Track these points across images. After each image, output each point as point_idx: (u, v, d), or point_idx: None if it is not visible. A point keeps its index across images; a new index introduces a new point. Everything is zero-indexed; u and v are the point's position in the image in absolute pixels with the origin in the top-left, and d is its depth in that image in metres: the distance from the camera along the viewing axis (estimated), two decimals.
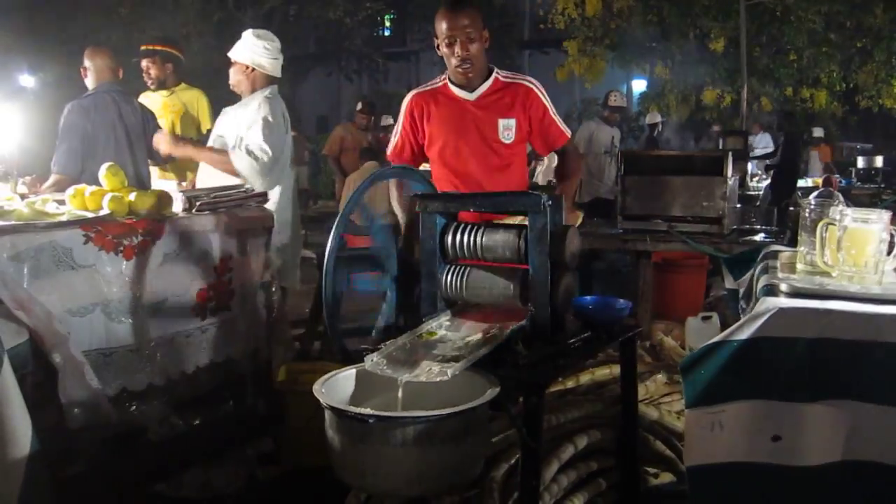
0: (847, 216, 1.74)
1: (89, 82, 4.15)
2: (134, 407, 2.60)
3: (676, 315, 4.67)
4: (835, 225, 1.76)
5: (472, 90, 2.77)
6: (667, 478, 2.59)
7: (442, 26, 2.67)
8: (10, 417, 1.88)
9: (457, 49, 2.65)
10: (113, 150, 3.95)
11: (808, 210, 1.94)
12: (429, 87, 2.86)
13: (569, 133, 2.92)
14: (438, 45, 2.74)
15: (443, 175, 2.80)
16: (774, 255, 2.11)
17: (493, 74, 2.80)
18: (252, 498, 2.92)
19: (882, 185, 10.21)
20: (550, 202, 1.88)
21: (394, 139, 2.91)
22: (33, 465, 1.91)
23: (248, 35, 3.65)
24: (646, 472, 2.54)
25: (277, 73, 3.65)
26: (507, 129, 2.76)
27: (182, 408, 2.80)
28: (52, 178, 3.82)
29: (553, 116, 2.83)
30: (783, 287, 1.69)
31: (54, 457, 2.11)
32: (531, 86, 2.81)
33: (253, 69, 3.62)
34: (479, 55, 2.70)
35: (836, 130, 17.08)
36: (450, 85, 2.80)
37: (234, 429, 2.91)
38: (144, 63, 4.82)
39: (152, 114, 4.33)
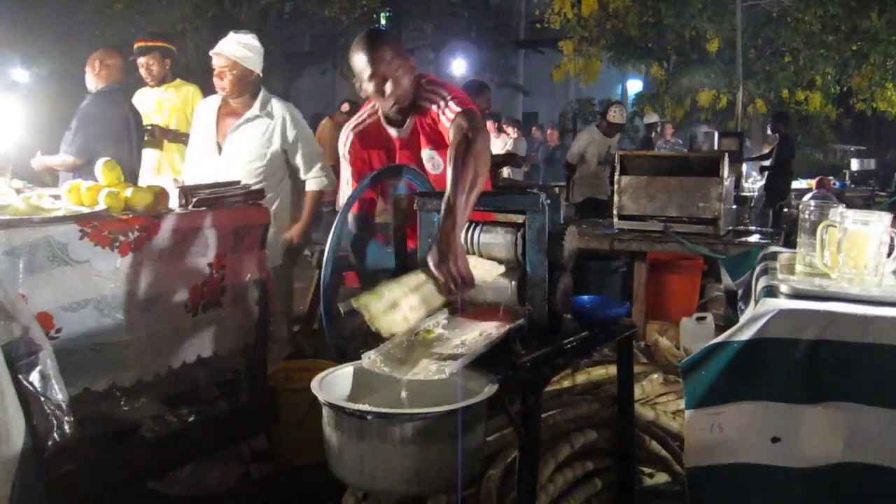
0: (847, 218, 1.75)
1: (96, 79, 4.25)
2: (125, 403, 2.59)
3: (671, 315, 4.68)
4: (835, 227, 1.76)
5: (400, 126, 2.53)
6: (662, 478, 2.60)
7: (358, 67, 2.39)
8: (4, 414, 1.86)
9: (374, 90, 2.39)
10: (123, 144, 4.16)
11: (807, 212, 1.94)
12: (365, 122, 2.60)
13: (454, 110, 2.32)
14: (359, 84, 2.45)
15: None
16: (773, 256, 2.11)
17: (415, 103, 2.49)
18: (246, 495, 2.91)
19: (875, 188, 10.25)
20: (549, 201, 1.87)
21: (346, 185, 2.59)
22: (26, 463, 1.89)
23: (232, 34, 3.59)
24: (641, 472, 2.55)
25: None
26: (430, 159, 2.53)
27: (175, 405, 2.78)
28: (60, 158, 4.05)
29: (437, 111, 2.38)
30: (783, 288, 1.69)
31: (47, 454, 2.09)
32: (435, 106, 2.40)
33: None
34: (403, 88, 2.41)
35: (830, 133, 17.15)
36: (381, 119, 2.57)
37: (227, 426, 2.90)
38: (144, 60, 4.79)
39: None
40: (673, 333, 4.12)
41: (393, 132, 2.56)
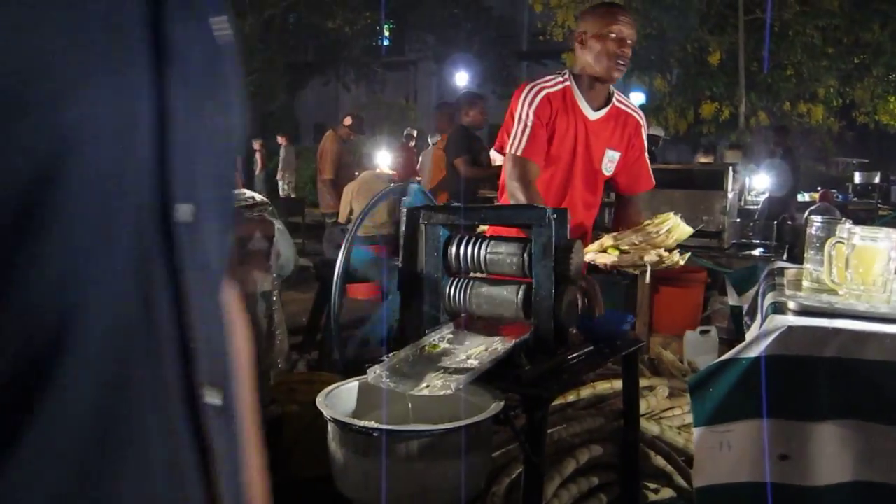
0: (855, 234, 1.74)
1: None
2: None
3: (674, 329, 4.66)
4: (843, 243, 1.76)
5: (595, 109, 2.54)
6: (667, 493, 2.58)
7: (612, 23, 2.43)
8: None
9: (623, 49, 2.43)
10: None
11: (814, 227, 1.93)
12: (557, 87, 2.52)
13: (653, 182, 2.73)
14: (584, 40, 2.48)
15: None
16: (780, 272, 2.10)
17: (613, 98, 2.59)
18: None
19: (879, 202, 10.25)
20: (555, 216, 1.87)
21: (522, 134, 2.43)
22: None
23: None
24: (646, 488, 2.53)
25: None
26: (610, 161, 2.58)
27: None
28: None
29: (647, 159, 2.67)
30: (791, 305, 1.68)
31: None
32: (640, 119, 2.66)
33: None
34: None
35: (832, 145, 17.15)
36: (576, 93, 2.53)
37: None
38: None
39: None
40: (676, 346, 4.10)
41: (589, 111, 2.53)
